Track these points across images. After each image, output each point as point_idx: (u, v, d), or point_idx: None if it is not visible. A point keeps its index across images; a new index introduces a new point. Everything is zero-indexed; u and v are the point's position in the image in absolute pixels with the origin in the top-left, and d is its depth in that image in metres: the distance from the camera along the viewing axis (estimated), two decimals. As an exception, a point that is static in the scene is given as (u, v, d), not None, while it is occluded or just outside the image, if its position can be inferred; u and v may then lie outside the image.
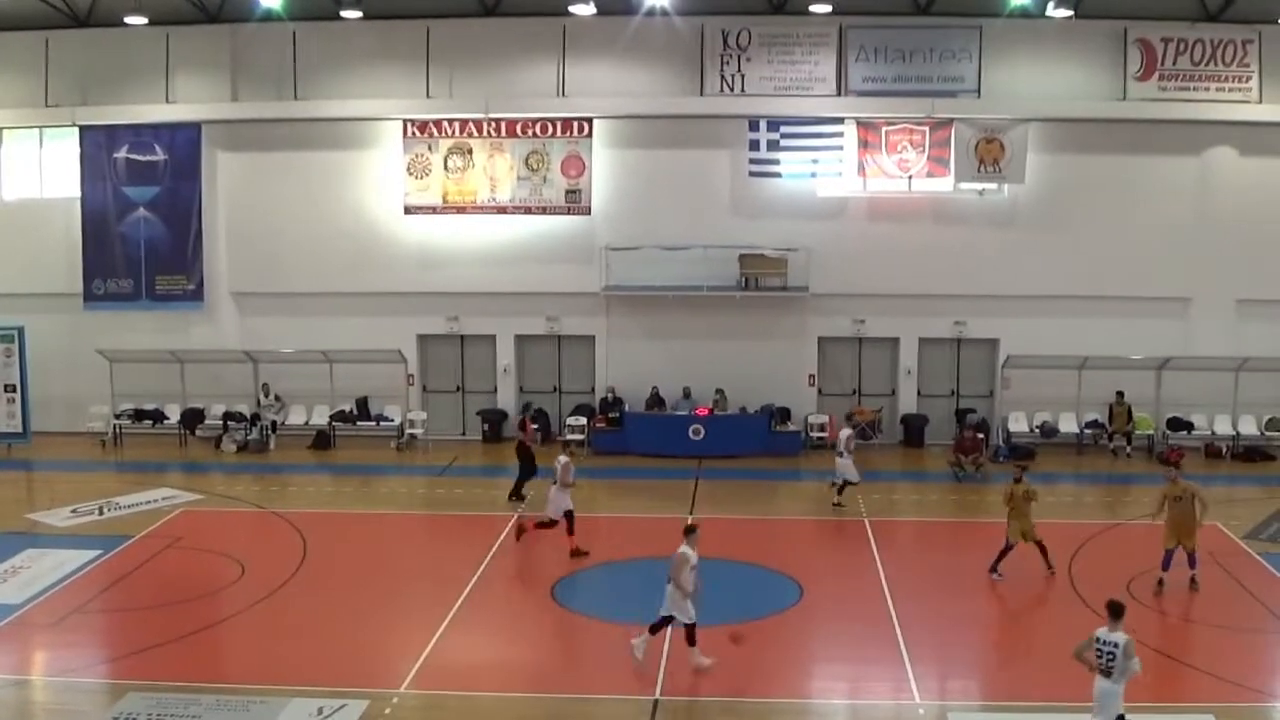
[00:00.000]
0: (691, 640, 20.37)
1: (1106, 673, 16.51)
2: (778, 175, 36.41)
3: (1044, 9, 33.71)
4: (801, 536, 28.98)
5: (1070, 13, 33.97)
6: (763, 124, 36.04)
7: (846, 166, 36.37)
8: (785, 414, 36.99)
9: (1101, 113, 36.54)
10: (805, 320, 37.35)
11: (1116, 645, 16.45)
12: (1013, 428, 37.18)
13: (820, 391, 37.94)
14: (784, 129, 36.01)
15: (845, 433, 30.89)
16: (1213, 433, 37.39)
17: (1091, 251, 36.88)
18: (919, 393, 38.13)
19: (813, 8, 34.70)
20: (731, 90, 36.16)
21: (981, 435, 35.28)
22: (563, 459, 26.97)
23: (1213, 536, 26.92)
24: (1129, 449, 36.60)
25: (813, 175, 36.55)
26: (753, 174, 36.40)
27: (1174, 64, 36.42)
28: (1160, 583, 23.83)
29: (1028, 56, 36.33)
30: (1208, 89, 36.50)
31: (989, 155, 36.31)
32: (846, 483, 30.58)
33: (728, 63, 36.12)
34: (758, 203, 36.85)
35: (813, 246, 36.49)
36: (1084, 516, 29.68)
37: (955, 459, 34.33)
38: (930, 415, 37.80)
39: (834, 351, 38.13)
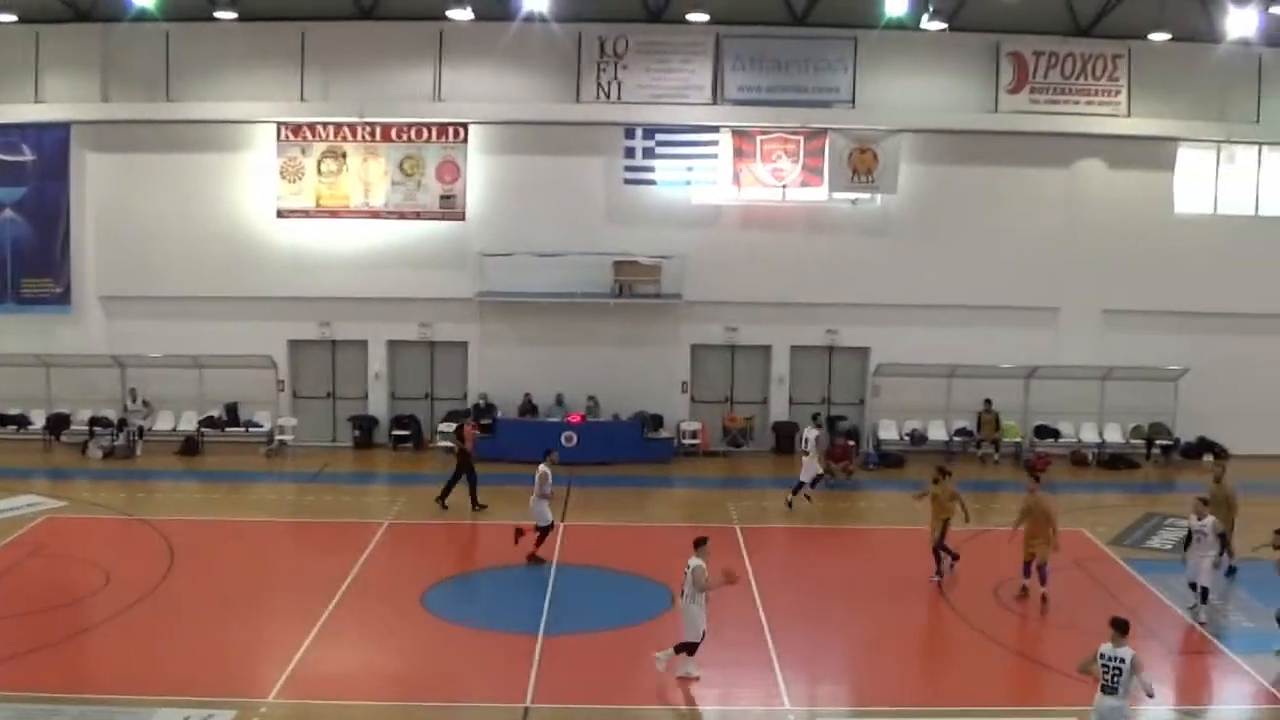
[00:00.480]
0: (690, 651, 21.10)
1: (1111, 689, 17.13)
2: (652, 183, 37.28)
3: (918, 21, 34.87)
4: (673, 543, 29.36)
5: (944, 25, 35.27)
6: (638, 132, 36.91)
7: (721, 175, 37.40)
8: (658, 421, 37.82)
9: (973, 124, 38.00)
10: (678, 327, 38.24)
11: (1124, 661, 17.06)
12: (882, 435, 38.49)
13: (693, 399, 38.83)
14: (659, 137, 36.90)
15: (812, 433, 32.36)
16: (1079, 440, 39.06)
17: (962, 261, 38.30)
18: (791, 400, 39.19)
19: (690, 16, 35.41)
20: (608, 97, 36.95)
21: (852, 443, 36.73)
22: (542, 468, 27.54)
23: (1079, 543, 28.48)
24: (997, 456, 38.12)
25: (687, 183, 37.50)
26: (628, 181, 37.25)
27: (1045, 77, 37.97)
28: (1024, 589, 24.99)
29: (902, 68, 37.62)
30: (1078, 102, 38.14)
31: (862, 165, 37.56)
32: (801, 484, 32.05)
33: (604, 70, 36.89)
34: (632, 210, 37.68)
35: (687, 254, 37.37)
36: (955, 523, 30.96)
37: (826, 466, 35.34)
38: (801, 423, 38.35)
39: (707, 359, 39.05)
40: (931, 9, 34.44)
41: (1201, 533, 24.47)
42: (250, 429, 38.31)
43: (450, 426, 37.02)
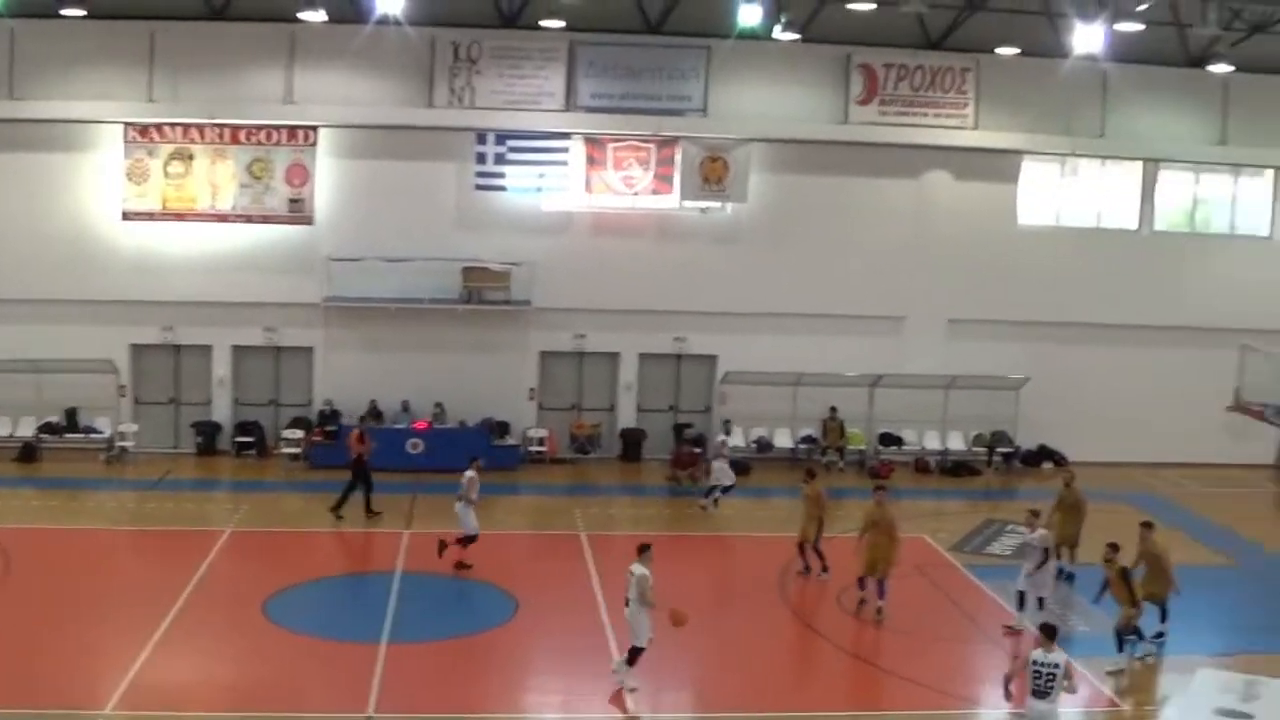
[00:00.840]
0: (632, 662, 21.76)
1: (1043, 694, 18.22)
2: (503, 189, 37.91)
3: (771, 32, 35.92)
4: (518, 551, 30.54)
5: (796, 36, 36.31)
6: (490, 137, 37.49)
7: (572, 182, 38.18)
8: (504, 428, 38.44)
9: (824, 135, 39.30)
10: (527, 334, 38.87)
11: (1058, 666, 18.21)
12: (729, 442, 39.41)
13: (540, 406, 39.50)
14: (511, 143, 37.54)
15: (720, 438, 33.78)
16: (922, 448, 40.57)
17: (811, 270, 39.57)
18: (638, 407, 40.09)
19: (544, 23, 36.00)
20: (460, 103, 37.46)
21: (699, 450, 37.69)
22: (469, 474, 28.38)
23: (921, 549, 29.80)
24: (841, 463, 39.49)
25: (538, 190, 38.18)
26: (479, 187, 37.82)
27: (895, 89, 39.39)
28: (861, 602, 25.97)
29: (754, 78, 38.74)
30: (926, 115, 39.62)
31: (713, 174, 38.61)
32: (717, 487, 33.21)
33: (457, 75, 37.39)
34: (483, 216, 38.24)
35: (536, 261, 38.02)
36: (796, 529, 32.19)
37: (673, 473, 36.55)
38: (649, 430, 39.80)
39: (555, 365, 39.72)
40: (784, 20, 35.49)
41: (1030, 545, 25.66)
42: (90, 435, 38.03)
43: (296, 434, 37.43)
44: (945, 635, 25.27)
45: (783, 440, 39.97)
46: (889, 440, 40.49)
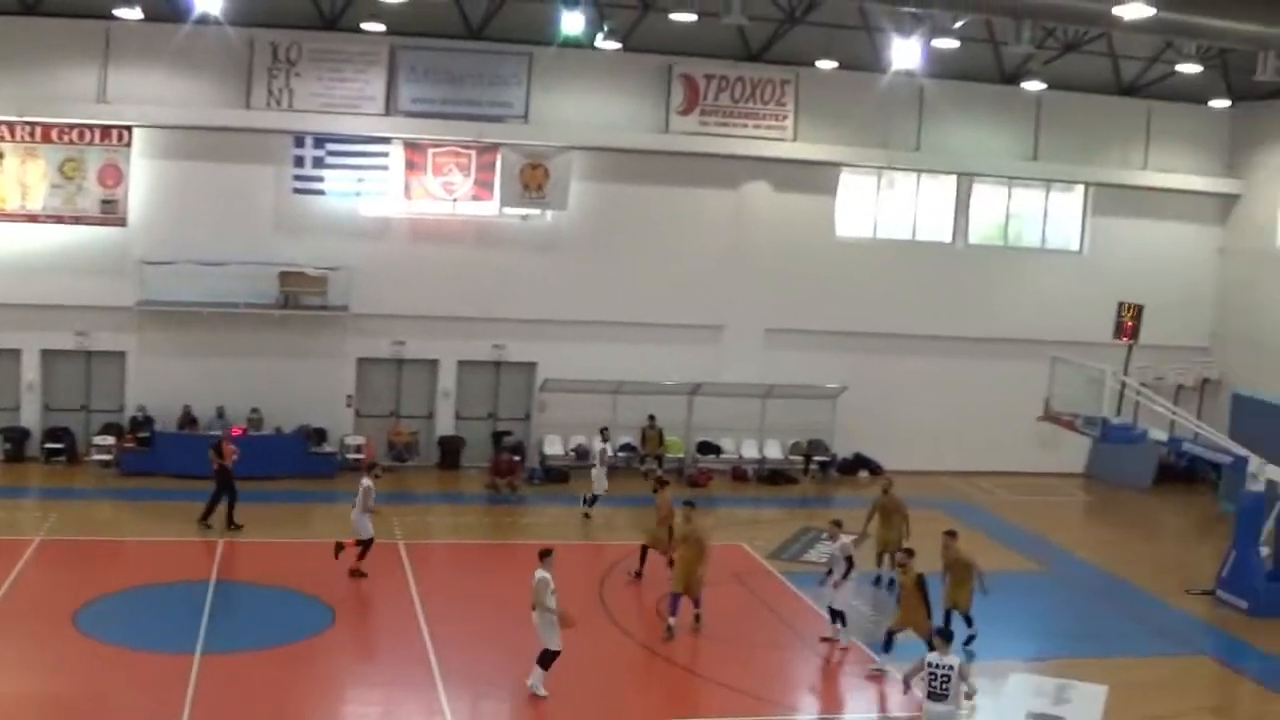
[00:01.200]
0: (545, 665, 22.45)
1: (940, 696, 19.21)
2: (322, 193, 38.15)
3: (593, 40, 36.86)
4: (335, 560, 31.25)
5: (618, 46, 37.28)
6: (309, 140, 37.67)
7: (392, 187, 38.61)
8: (321, 435, 38.72)
9: (644, 144, 40.34)
10: (345, 340, 39.07)
11: (952, 668, 19.24)
12: (548, 450, 40.41)
13: (358, 413, 39.81)
14: (330, 146, 37.79)
15: (599, 446, 34.72)
16: (740, 456, 41.84)
17: (631, 279, 40.58)
18: (457, 415, 40.65)
19: (365, 25, 36.29)
20: (279, 105, 37.55)
21: (517, 458, 38.48)
22: (365, 482, 28.80)
23: (738, 557, 30.99)
24: (660, 471, 40.19)
25: (357, 194, 38.55)
26: (297, 191, 37.97)
27: (715, 100, 40.58)
28: (669, 629, 26.05)
29: (576, 86, 39.62)
30: (746, 126, 40.90)
31: (534, 181, 39.37)
32: (595, 497, 34.42)
33: (276, 76, 37.47)
34: (301, 220, 38.38)
35: (355, 266, 38.33)
36: (614, 537, 33.20)
37: (491, 481, 37.22)
38: (467, 437, 40.40)
39: (373, 372, 40.02)
40: (606, 29, 36.48)
41: (834, 555, 26.72)
42: (-108, 441, 37.19)
43: (108, 440, 37.33)
44: (762, 642, 26.42)
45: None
46: (707, 448, 41.62)
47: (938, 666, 19.35)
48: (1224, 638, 28.78)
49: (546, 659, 22.45)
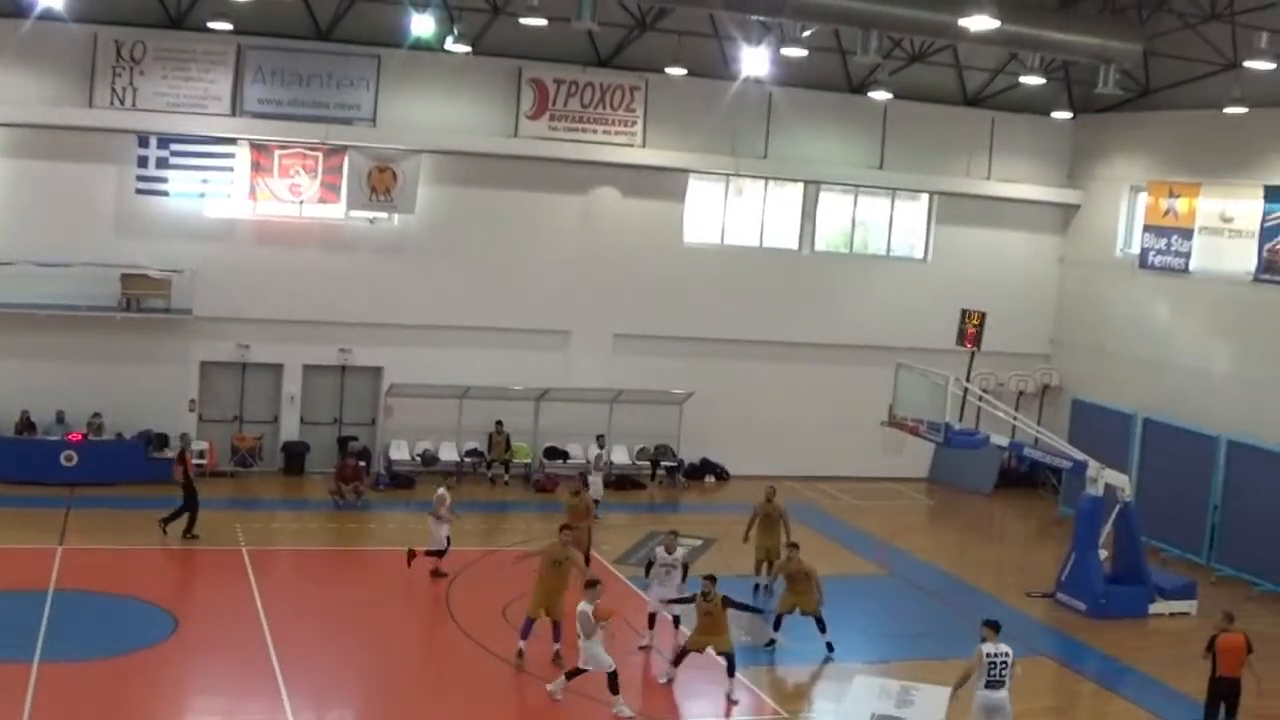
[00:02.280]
0: (614, 689, 22.88)
1: (999, 683, 20.54)
2: (165, 194, 38.06)
3: (443, 43, 37.32)
4: (177, 567, 31.27)
5: (468, 49, 37.66)
6: (153, 140, 37.51)
7: (237, 188, 38.71)
8: (163, 440, 38.38)
9: (493, 148, 40.85)
10: (188, 344, 38.96)
11: (1009, 654, 20.61)
12: (394, 455, 40.82)
13: (201, 418, 39.70)
14: (174, 147, 37.67)
15: (596, 453, 36.48)
16: (587, 462, 42.10)
17: (479, 283, 41.09)
18: (302, 420, 40.80)
19: (211, 24, 35.94)
20: (122, 104, 37.37)
21: (363, 463, 38.79)
22: (440, 490, 29.94)
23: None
24: (506, 477, 41.12)
25: (202, 195, 38.58)
26: (140, 191, 37.79)
27: (565, 105, 41.25)
28: (520, 654, 25.61)
29: (425, 89, 40.06)
30: (595, 131, 41.62)
31: (381, 184, 39.68)
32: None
33: (120, 75, 37.25)
34: (144, 221, 38.19)
35: (199, 268, 38.23)
36: (461, 544, 33.29)
37: (336, 487, 37.36)
38: (312, 442, 40.60)
39: (216, 376, 39.97)
40: (456, 32, 36.86)
41: (671, 566, 27.49)
42: None
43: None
44: (610, 648, 26.92)
45: (448, 453, 41.28)
46: (554, 454, 42.26)
47: (995, 655, 20.80)
48: (1064, 639, 30.10)
49: (612, 682, 23.02)
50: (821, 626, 27.47)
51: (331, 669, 25.11)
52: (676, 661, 25.25)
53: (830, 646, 27.50)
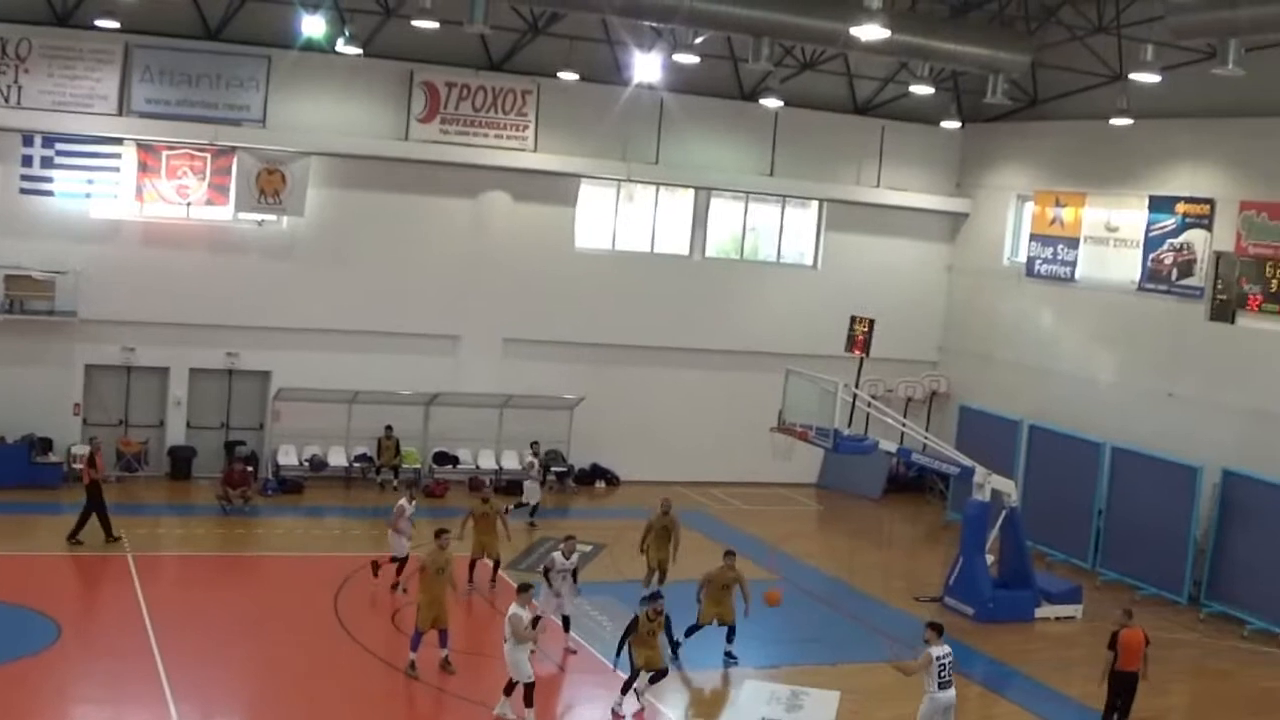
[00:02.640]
0: (529, 701, 22.72)
1: (948, 684, 21.55)
2: (50, 194, 37.63)
3: (334, 45, 37.17)
4: (61, 573, 30.85)
5: (359, 51, 37.49)
6: (37, 139, 37.09)
7: (124, 189, 38.31)
8: (47, 444, 38.05)
9: (385, 151, 40.72)
10: (72, 346, 38.48)
11: (951, 655, 21.71)
12: (282, 460, 40.58)
13: (85, 421, 39.23)
14: (60, 146, 37.25)
15: (528, 459, 36.44)
16: (477, 466, 42.60)
17: (369, 287, 40.97)
18: (188, 424, 40.44)
19: (99, 22, 35.62)
20: (7, 102, 36.86)
21: (251, 468, 38.56)
22: (400, 502, 29.87)
23: (478, 568, 31.43)
24: (395, 482, 40.78)
25: (88, 196, 38.15)
26: (24, 191, 37.34)
27: (456, 108, 41.22)
28: (412, 665, 25.55)
29: (316, 91, 39.89)
30: (487, 135, 41.64)
31: (270, 186, 39.44)
32: (534, 506, 35.83)
33: (4, 73, 36.67)
34: (28, 221, 37.65)
35: (84, 270, 37.81)
36: (350, 549, 33.62)
37: (224, 492, 37.12)
38: (199, 447, 40.29)
39: (101, 379, 39.47)
40: (347, 34, 36.69)
41: (566, 570, 27.73)
42: None
43: None
44: (501, 654, 26.99)
45: (337, 458, 41.14)
46: (444, 459, 42.27)
47: (943, 657, 21.69)
48: (951, 643, 29.93)
49: (527, 693, 22.90)
50: (731, 636, 27.61)
51: (219, 677, 25.02)
52: (626, 690, 25.00)
53: (732, 655, 27.75)
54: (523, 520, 36.66)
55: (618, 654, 25.25)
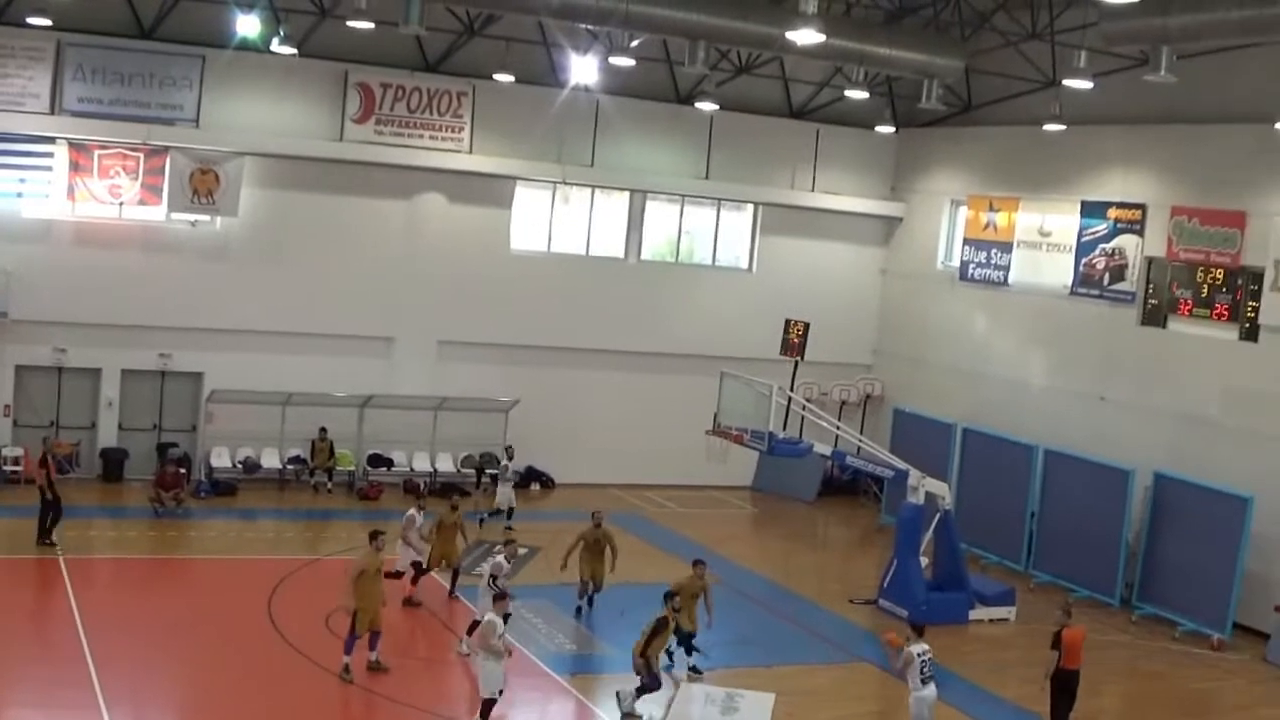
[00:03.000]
0: (485, 716, 22.66)
1: (931, 679, 22.21)
2: (-20, 193, 37.06)
3: (269, 45, 36.97)
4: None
5: (294, 51, 37.29)
6: (-32, 139, 36.59)
7: (55, 188, 38.04)
8: (-24, 445, 37.63)
9: (319, 151, 40.64)
10: (2, 347, 38.19)
11: (930, 652, 22.32)
12: (215, 463, 40.38)
13: (16, 423, 38.98)
14: None
15: (504, 462, 36.17)
16: (411, 469, 42.58)
17: (303, 288, 40.86)
18: (120, 425, 40.14)
19: (30, 20, 35.21)
20: None
21: (183, 470, 38.34)
22: (410, 512, 29.76)
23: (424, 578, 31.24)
24: (330, 485, 40.94)
25: (19, 195, 37.83)
26: (-46, 190, 36.74)
27: (391, 110, 41.18)
28: (346, 669, 25.40)
29: (251, 90, 39.74)
30: (422, 136, 41.61)
31: (204, 186, 39.25)
32: (509, 510, 35.47)
33: None
34: (-42, 221, 37.07)
35: (15, 270, 37.48)
36: (284, 552, 33.69)
37: (156, 494, 36.85)
38: (131, 449, 40.04)
39: (32, 381, 39.18)
40: (282, 33, 36.48)
41: (509, 576, 27.76)
42: None
43: None
44: (436, 657, 27.20)
45: (271, 460, 40.94)
46: (379, 461, 42.20)
47: (924, 654, 22.35)
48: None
49: (485, 710, 22.77)
50: (690, 649, 27.74)
51: (152, 681, 24.94)
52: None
53: (696, 669, 27.80)
54: (499, 523, 36.35)
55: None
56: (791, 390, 37.83)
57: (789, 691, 26.05)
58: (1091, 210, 39.12)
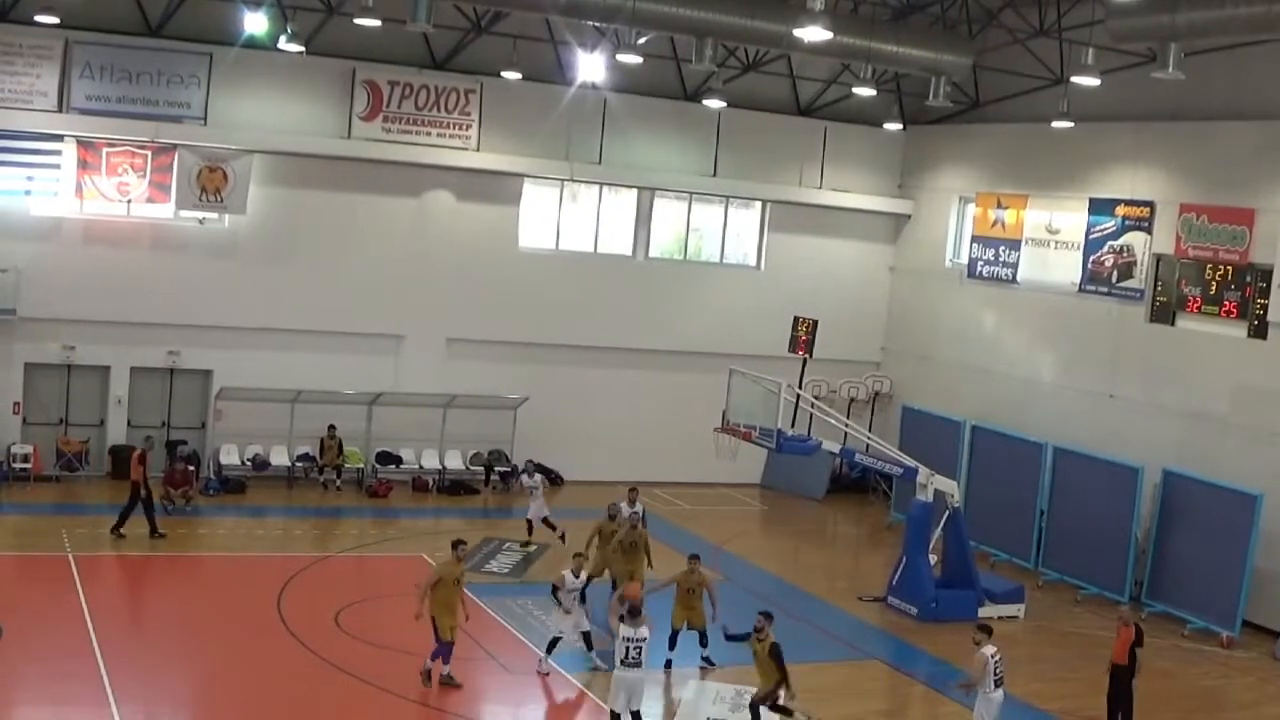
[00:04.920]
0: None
1: (1001, 681, 22.12)
2: (-10, 192, 37.15)
3: (276, 42, 36.98)
4: (0, 574, 30.62)
5: (302, 49, 37.28)
6: (-25, 136, 36.61)
7: (64, 186, 38.06)
8: (-14, 442, 37.70)
9: (327, 149, 40.63)
10: (11, 345, 38.23)
11: (1000, 653, 22.20)
12: (224, 460, 40.42)
13: (25, 420, 38.98)
14: (0, 143, 37.01)
15: (531, 479, 35.84)
16: (420, 467, 42.56)
17: (312, 286, 40.87)
18: (129, 423, 40.16)
19: (38, 18, 35.45)
20: None
21: (192, 468, 38.35)
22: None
23: (419, 568, 31.45)
24: (339, 482, 40.97)
25: (27, 193, 37.83)
26: (-38, 188, 36.81)
27: (399, 107, 41.14)
28: (427, 675, 25.37)
29: (258, 88, 39.74)
30: (430, 134, 41.56)
31: (212, 184, 39.24)
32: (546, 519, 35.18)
33: None
34: (-33, 220, 37.19)
35: (24, 268, 37.56)
36: (293, 549, 33.71)
37: (165, 492, 36.86)
38: (140, 446, 39.98)
39: (41, 378, 39.22)
40: (290, 31, 36.50)
41: (575, 589, 27.01)
42: None
43: None
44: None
45: (280, 458, 40.96)
46: (387, 459, 42.17)
47: (996, 655, 22.26)
48: (895, 642, 30.85)
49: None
50: (704, 640, 27.64)
51: (162, 678, 24.94)
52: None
53: (709, 659, 27.80)
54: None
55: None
56: (800, 388, 37.85)
57: (798, 688, 25.96)
58: (1100, 207, 39.11)
